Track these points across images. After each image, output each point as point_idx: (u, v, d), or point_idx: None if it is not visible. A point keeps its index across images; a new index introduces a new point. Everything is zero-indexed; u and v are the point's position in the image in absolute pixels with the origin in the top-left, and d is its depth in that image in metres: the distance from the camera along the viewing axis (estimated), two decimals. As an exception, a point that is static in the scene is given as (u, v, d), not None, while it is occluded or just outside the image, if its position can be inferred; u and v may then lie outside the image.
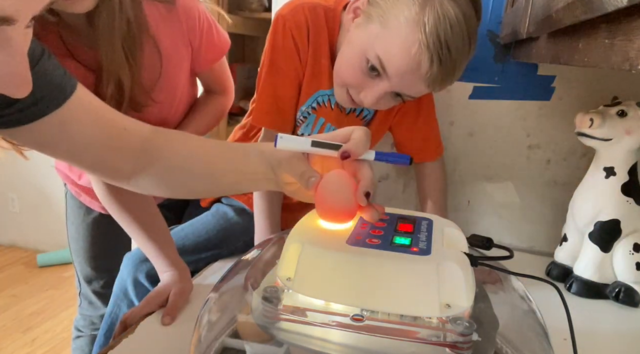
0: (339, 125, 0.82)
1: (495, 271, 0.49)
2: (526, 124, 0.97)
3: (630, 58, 0.28)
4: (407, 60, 0.64)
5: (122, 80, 0.72)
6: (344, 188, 0.47)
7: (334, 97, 0.79)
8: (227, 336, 0.49)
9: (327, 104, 0.81)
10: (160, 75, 0.78)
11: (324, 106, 0.81)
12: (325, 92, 0.80)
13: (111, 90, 0.72)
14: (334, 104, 0.81)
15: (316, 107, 0.82)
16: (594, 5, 0.31)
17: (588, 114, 0.76)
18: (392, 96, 0.71)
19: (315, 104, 0.81)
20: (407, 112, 0.87)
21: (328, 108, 0.82)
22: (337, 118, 0.83)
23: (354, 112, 0.84)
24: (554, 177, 0.98)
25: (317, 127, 0.84)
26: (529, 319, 0.47)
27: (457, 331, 0.37)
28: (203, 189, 0.64)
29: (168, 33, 0.77)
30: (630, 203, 0.78)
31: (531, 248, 1.03)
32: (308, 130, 0.84)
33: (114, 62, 0.70)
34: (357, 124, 0.79)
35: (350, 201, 0.47)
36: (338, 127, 0.80)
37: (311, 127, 0.84)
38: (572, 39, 0.44)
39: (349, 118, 0.84)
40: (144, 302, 0.70)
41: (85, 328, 1.12)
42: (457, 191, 1.06)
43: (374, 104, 0.71)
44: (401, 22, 0.63)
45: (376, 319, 0.39)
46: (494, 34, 0.94)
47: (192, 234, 0.88)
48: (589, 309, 0.77)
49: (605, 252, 0.79)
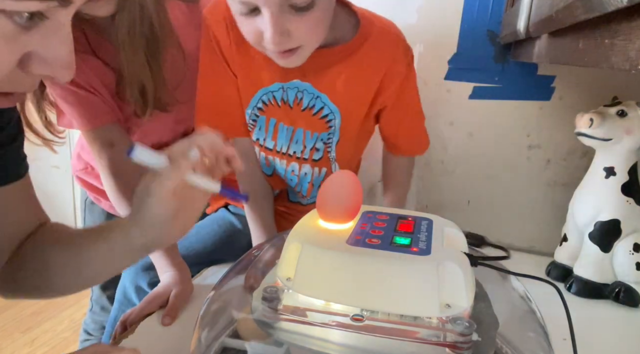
0: (291, 123, 0.77)
1: (495, 270, 0.49)
2: (526, 124, 0.97)
3: (630, 58, 0.28)
4: None
5: (145, 84, 0.72)
6: (345, 188, 0.47)
7: (278, 93, 0.75)
8: (227, 336, 0.49)
9: (272, 102, 0.76)
10: (184, 75, 0.78)
11: (270, 104, 0.76)
12: (268, 89, 0.75)
13: (135, 94, 0.72)
14: (280, 100, 0.75)
15: (262, 107, 0.77)
16: (594, 5, 0.31)
17: (588, 114, 0.76)
18: (283, 14, 0.58)
19: (261, 103, 0.77)
20: (392, 106, 0.79)
21: (275, 106, 0.76)
22: (288, 115, 0.77)
23: (303, 106, 0.75)
24: (554, 177, 0.98)
25: (270, 130, 0.79)
26: (529, 319, 0.47)
27: (457, 331, 0.37)
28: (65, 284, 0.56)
29: (191, 31, 0.77)
30: (630, 203, 0.78)
31: (531, 248, 1.03)
32: (262, 135, 0.80)
33: (136, 67, 0.70)
34: (312, 120, 0.75)
35: (351, 201, 0.47)
36: (291, 125, 0.77)
37: (264, 130, 0.79)
38: (572, 39, 0.44)
39: (303, 115, 0.76)
40: (144, 302, 0.70)
41: (96, 331, 1.11)
42: (457, 191, 1.06)
43: (277, 35, 0.59)
44: None
45: (376, 319, 0.39)
46: (494, 34, 0.94)
47: (197, 242, 0.86)
48: (589, 309, 0.77)
49: (605, 252, 0.79)
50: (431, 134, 1.06)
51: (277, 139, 0.79)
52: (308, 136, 0.78)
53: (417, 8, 0.98)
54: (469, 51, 0.97)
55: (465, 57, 0.97)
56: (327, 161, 0.81)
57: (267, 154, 0.82)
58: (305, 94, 0.74)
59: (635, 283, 0.77)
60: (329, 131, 0.77)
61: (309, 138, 0.78)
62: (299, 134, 0.78)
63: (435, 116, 1.03)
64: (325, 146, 0.79)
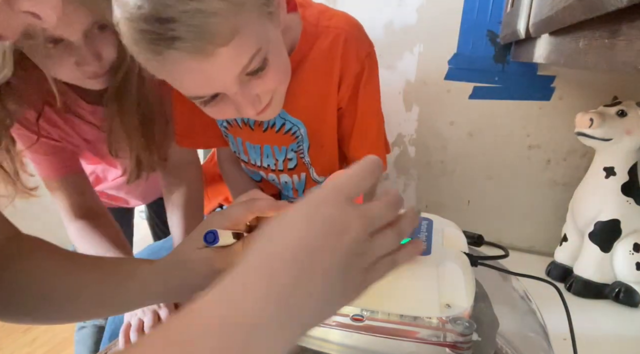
0: (258, 141, 0.76)
1: (495, 270, 0.49)
2: (526, 124, 0.97)
3: (631, 58, 0.28)
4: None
5: (141, 158, 0.75)
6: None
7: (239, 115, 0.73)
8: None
9: (234, 123, 0.75)
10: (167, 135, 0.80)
11: (233, 125, 0.75)
12: None
13: (130, 166, 0.76)
14: (241, 122, 0.74)
15: (227, 126, 0.76)
16: (594, 5, 0.31)
17: (588, 114, 0.76)
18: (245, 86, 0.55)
19: (226, 123, 0.76)
20: (347, 106, 0.73)
21: (236, 127, 0.75)
22: (251, 136, 0.75)
23: (264, 127, 0.73)
24: (554, 177, 0.98)
25: (239, 147, 0.78)
26: (529, 319, 0.47)
27: (457, 331, 0.37)
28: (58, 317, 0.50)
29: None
30: (630, 203, 0.78)
31: (531, 248, 1.03)
32: (235, 149, 0.80)
33: (133, 146, 0.73)
34: (276, 137, 0.74)
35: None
36: (258, 144, 0.76)
37: (235, 146, 0.79)
38: (572, 39, 0.44)
39: (267, 134, 0.74)
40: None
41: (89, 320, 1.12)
42: (457, 191, 1.06)
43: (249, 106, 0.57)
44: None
45: (376, 319, 0.39)
46: (494, 34, 0.94)
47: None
48: (589, 309, 0.77)
49: (605, 252, 0.79)
50: (431, 134, 1.06)
51: (249, 154, 0.79)
52: (277, 150, 0.77)
53: (417, 8, 0.98)
54: (469, 51, 0.97)
55: (465, 57, 0.97)
56: (302, 167, 0.80)
57: (246, 166, 0.83)
58: None
59: (635, 283, 0.77)
60: (297, 141, 0.75)
61: (278, 152, 0.77)
62: (267, 150, 0.77)
63: (435, 116, 1.03)
64: (297, 153, 0.77)
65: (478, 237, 0.50)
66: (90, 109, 0.74)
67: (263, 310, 0.27)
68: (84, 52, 0.60)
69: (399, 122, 1.06)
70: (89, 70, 0.62)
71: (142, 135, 0.74)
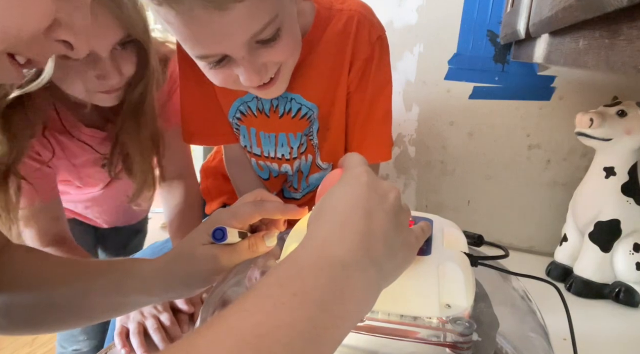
0: (272, 130, 0.76)
1: (495, 270, 0.49)
2: (526, 124, 0.97)
3: (631, 58, 0.28)
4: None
5: (147, 176, 0.78)
6: None
7: (253, 103, 0.73)
8: (227, 336, 0.49)
9: (248, 112, 0.75)
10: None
11: (247, 114, 0.75)
12: (243, 99, 0.74)
13: (137, 185, 0.78)
14: (255, 110, 0.74)
15: (240, 117, 0.76)
16: (594, 6, 0.31)
17: (588, 114, 0.76)
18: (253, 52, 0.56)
19: (239, 113, 0.76)
20: (355, 90, 0.73)
21: (251, 115, 0.75)
22: (266, 124, 0.75)
23: (280, 113, 0.74)
24: (554, 177, 0.98)
25: (252, 138, 0.78)
26: (529, 319, 0.47)
27: (457, 331, 0.37)
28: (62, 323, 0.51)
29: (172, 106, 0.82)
30: (630, 203, 0.78)
31: (531, 248, 1.03)
32: (247, 142, 0.79)
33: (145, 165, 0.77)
34: (292, 123, 0.74)
35: None
36: (272, 132, 0.76)
37: (247, 138, 0.79)
38: (572, 39, 0.44)
39: (282, 120, 0.74)
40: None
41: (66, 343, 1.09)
42: (457, 191, 1.06)
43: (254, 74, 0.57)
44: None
45: (376, 319, 0.39)
46: (494, 34, 0.94)
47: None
48: (589, 309, 0.77)
49: (605, 252, 0.79)
50: (431, 134, 1.06)
51: (262, 145, 0.79)
52: (292, 138, 0.77)
53: (417, 8, 0.98)
54: (469, 51, 0.97)
55: (465, 57, 0.97)
56: (311, 148, 0.80)
57: (257, 160, 0.82)
58: (280, 100, 0.73)
59: (635, 283, 0.77)
60: (309, 125, 0.76)
61: (294, 139, 0.77)
62: (282, 138, 0.77)
63: (435, 116, 1.03)
64: (307, 137, 0.78)
65: (478, 237, 0.50)
66: (89, 132, 0.75)
67: (355, 252, 0.30)
68: (107, 66, 0.62)
69: (399, 122, 1.06)
70: (109, 83, 0.63)
71: (155, 152, 0.77)
